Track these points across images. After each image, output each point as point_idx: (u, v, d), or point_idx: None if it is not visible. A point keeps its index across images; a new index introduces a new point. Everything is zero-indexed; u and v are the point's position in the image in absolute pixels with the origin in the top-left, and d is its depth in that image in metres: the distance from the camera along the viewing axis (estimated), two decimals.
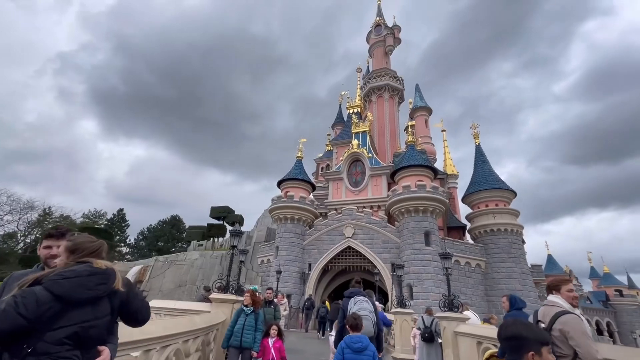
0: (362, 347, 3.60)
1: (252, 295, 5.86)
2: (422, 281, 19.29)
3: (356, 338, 3.68)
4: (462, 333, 7.75)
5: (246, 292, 6.06)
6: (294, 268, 23.25)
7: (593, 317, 38.85)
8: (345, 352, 3.64)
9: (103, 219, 56.08)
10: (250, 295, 5.86)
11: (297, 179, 26.40)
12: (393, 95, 36.82)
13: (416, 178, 22.15)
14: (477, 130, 29.42)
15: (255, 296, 5.89)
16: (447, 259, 8.93)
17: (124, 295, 1.82)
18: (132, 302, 1.88)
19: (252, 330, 5.53)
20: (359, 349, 3.59)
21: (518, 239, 23.40)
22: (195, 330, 4.92)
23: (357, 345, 3.61)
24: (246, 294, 6.01)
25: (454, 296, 8.46)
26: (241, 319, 5.66)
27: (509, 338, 2.11)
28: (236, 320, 5.71)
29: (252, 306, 5.73)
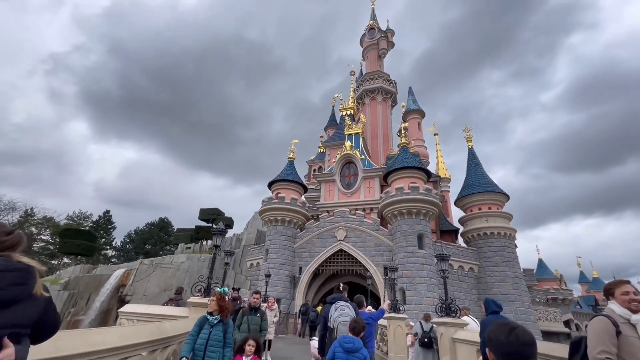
0: (353, 348, 3.57)
1: (219, 299, 4.37)
2: (415, 285, 18.85)
3: (349, 338, 3.67)
4: (461, 340, 7.29)
5: (212, 295, 4.50)
6: (284, 272, 22.58)
7: (583, 322, 38.96)
8: (336, 351, 3.63)
9: (88, 221, 54.43)
10: (216, 300, 4.35)
11: (288, 180, 25.82)
12: (386, 98, 36.66)
13: (409, 180, 21.82)
14: (470, 133, 29.36)
15: (223, 301, 4.40)
16: (444, 260, 8.48)
17: (44, 303, 1.34)
18: (49, 315, 1.39)
19: (219, 347, 4.12)
20: (349, 349, 3.56)
21: (511, 243, 23.21)
22: (164, 339, 4.32)
23: (349, 345, 3.58)
24: (211, 297, 4.50)
25: (452, 300, 8.00)
26: (205, 331, 4.16)
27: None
28: (198, 332, 4.16)
29: (219, 314, 4.27)
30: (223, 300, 4.37)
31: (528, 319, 20.42)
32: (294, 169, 27.33)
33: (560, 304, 35.31)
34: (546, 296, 35.82)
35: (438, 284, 19.90)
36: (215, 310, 4.27)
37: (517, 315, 20.42)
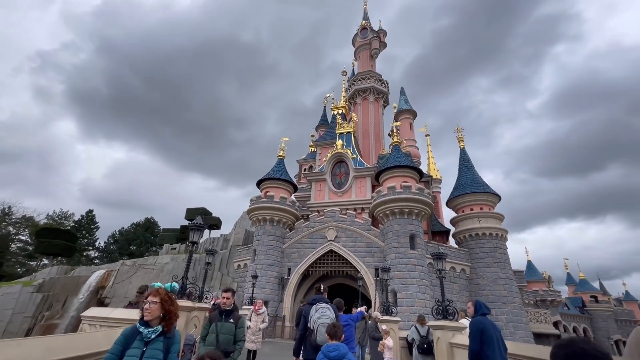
0: (339, 355, 3.42)
1: (164, 301, 2.69)
2: (407, 286, 18.37)
3: (333, 346, 3.52)
4: (460, 345, 6.76)
5: (146, 295, 2.76)
6: (272, 273, 21.83)
7: (570, 323, 39.27)
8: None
9: (70, 221, 52.50)
10: (159, 301, 2.64)
11: (277, 179, 25.12)
12: (378, 98, 36.33)
13: (401, 179, 21.39)
14: (462, 134, 29.20)
15: (168, 303, 2.72)
16: (440, 259, 7.96)
17: None
18: None
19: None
20: (335, 357, 3.41)
21: (503, 244, 23.00)
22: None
23: (334, 353, 3.43)
24: (148, 298, 2.68)
25: (449, 302, 7.48)
26: (134, 351, 2.52)
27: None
28: (122, 351, 2.52)
29: (160, 323, 2.65)
30: (168, 301, 2.68)
31: (520, 321, 20.17)
32: (284, 167, 26.65)
33: (549, 306, 35.45)
34: (535, 297, 35.94)
35: (430, 285, 19.49)
36: (155, 318, 2.59)
37: (508, 317, 20.16)
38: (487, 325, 4.25)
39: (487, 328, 4.21)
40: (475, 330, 4.26)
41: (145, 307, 2.55)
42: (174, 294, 3.03)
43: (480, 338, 4.14)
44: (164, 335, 2.63)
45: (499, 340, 4.24)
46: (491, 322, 4.38)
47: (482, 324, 4.29)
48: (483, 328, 4.21)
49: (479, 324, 4.29)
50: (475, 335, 4.22)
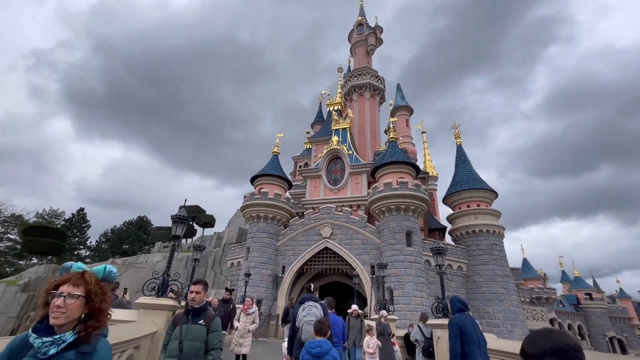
0: (320, 352, 3.42)
1: (90, 292, 1.53)
2: (404, 284, 18.00)
3: (315, 343, 3.52)
4: None
5: (55, 283, 1.51)
6: (266, 271, 21.34)
7: (565, 321, 39.30)
8: (304, 357, 3.49)
9: (60, 219, 51.40)
10: (84, 294, 1.51)
11: (272, 175, 24.60)
12: (374, 95, 35.96)
13: (398, 175, 21.01)
14: (458, 130, 28.90)
15: (97, 297, 1.55)
16: (440, 254, 7.55)
17: None
18: None
19: None
20: (317, 354, 3.42)
21: (500, 241, 22.73)
22: None
23: (316, 350, 3.43)
24: (53, 291, 1.48)
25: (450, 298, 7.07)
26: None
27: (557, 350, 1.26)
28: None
29: (75, 328, 1.49)
30: (99, 294, 1.56)
31: (517, 318, 19.91)
32: (279, 163, 26.14)
33: (544, 303, 35.41)
34: (531, 295, 35.87)
35: (427, 283, 19.15)
36: (70, 322, 1.47)
37: (506, 314, 19.89)
38: (466, 323, 4.03)
39: (466, 326, 3.99)
40: (454, 329, 3.99)
41: (56, 304, 1.44)
42: (109, 284, 1.76)
43: (461, 337, 3.93)
44: (76, 348, 1.46)
45: (480, 337, 4.05)
46: (470, 319, 4.16)
47: (461, 321, 4.05)
48: (463, 327, 3.98)
49: (457, 322, 4.04)
50: (455, 334, 3.96)
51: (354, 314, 8.79)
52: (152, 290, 5.91)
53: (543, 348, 1.25)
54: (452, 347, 3.95)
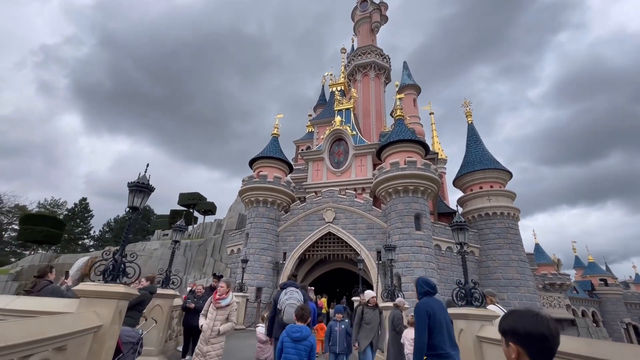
0: (300, 337, 3.64)
1: None
2: (412, 270, 16.76)
3: (296, 328, 3.74)
4: (491, 340, 5.08)
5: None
6: (266, 257, 20.28)
7: (579, 308, 37.97)
8: (284, 341, 3.69)
9: (62, 209, 51.06)
10: None
11: (271, 158, 23.30)
12: (379, 74, 34.09)
13: (406, 154, 19.54)
14: (470, 108, 27.14)
15: None
16: (462, 230, 6.20)
17: None
18: None
19: None
20: (297, 338, 3.63)
21: (515, 224, 21.30)
22: None
23: (296, 335, 3.65)
24: None
25: (474, 283, 5.78)
26: None
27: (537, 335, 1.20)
28: None
29: None
30: None
31: (534, 305, 18.61)
32: (278, 146, 24.79)
33: (557, 289, 34.04)
34: (543, 281, 34.50)
35: (437, 268, 17.90)
36: None
37: (522, 301, 18.62)
38: (435, 309, 3.49)
39: (435, 312, 3.45)
40: (421, 316, 3.43)
41: None
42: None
43: (429, 325, 3.36)
44: None
45: (449, 325, 3.60)
46: (439, 303, 3.66)
47: (430, 307, 3.49)
48: (431, 312, 3.43)
49: (426, 307, 3.48)
50: (423, 322, 3.39)
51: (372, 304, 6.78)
52: (100, 275, 4.70)
53: (505, 328, 1.26)
54: (419, 337, 3.34)
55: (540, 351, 1.17)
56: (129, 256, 5.13)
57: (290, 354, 3.62)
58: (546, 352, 1.17)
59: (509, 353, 1.24)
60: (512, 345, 1.22)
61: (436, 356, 3.46)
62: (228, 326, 5.21)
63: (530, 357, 1.18)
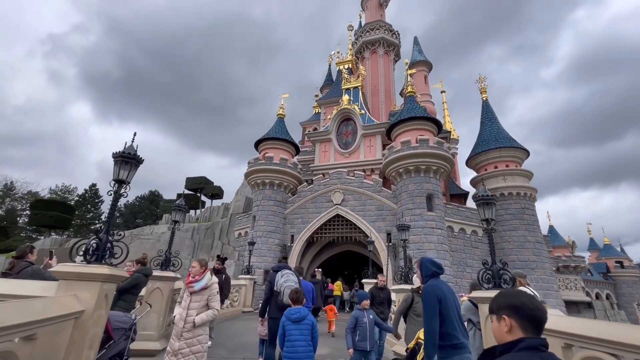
0: (299, 317, 3.79)
1: None
2: (424, 252, 16.17)
3: (294, 310, 3.87)
4: None
5: None
6: (273, 240, 19.95)
7: (593, 290, 37.24)
8: (285, 325, 3.78)
9: (73, 195, 51.74)
10: None
11: (277, 139, 22.61)
12: (388, 51, 32.61)
13: (417, 132, 18.63)
14: (485, 84, 25.76)
15: None
16: (489, 205, 5.52)
17: None
18: None
19: None
20: (296, 319, 3.77)
21: (531, 204, 20.42)
22: None
23: (295, 316, 3.80)
24: None
25: (503, 264, 5.16)
26: None
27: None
28: None
29: None
30: None
31: (551, 288, 18.03)
32: (284, 126, 24.02)
33: (572, 272, 33.30)
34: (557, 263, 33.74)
35: (450, 250, 17.30)
36: None
37: (538, 283, 18.02)
38: (445, 292, 3.05)
39: (446, 296, 3.02)
40: (431, 300, 2.96)
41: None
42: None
43: (440, 311, 2.93)
44: None
45: (459, 310, 3.17)
46: (447, 286, 3.22)
47: (440, 290, 3.04)
48: (442, 297, 2.99)
49: (436, 290, 3.02)
50: (433, 307, 2.93)
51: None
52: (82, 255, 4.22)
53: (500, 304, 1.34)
54: (429, 324, 2.88)
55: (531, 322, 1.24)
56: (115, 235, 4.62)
57: (294, 335, 3.72)
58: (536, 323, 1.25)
59: (501, 328, 1.30)
60: (505, 319, 1.28)
61: (450, 347, 2.98)
62: (207, 315, 4.19)
63: (522, 329, 1.24)
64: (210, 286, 4.29)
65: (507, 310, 1.29)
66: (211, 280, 4.33)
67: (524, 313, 1.25)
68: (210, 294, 4.28)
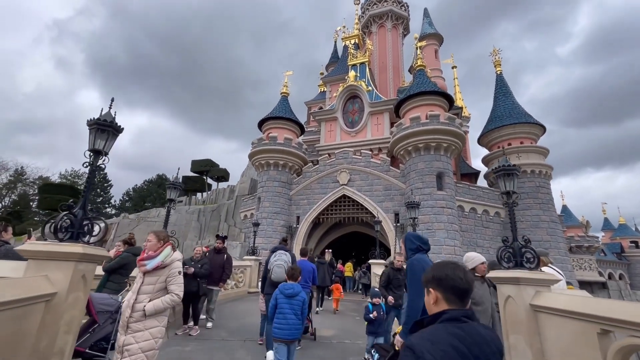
0: (293, 293, 4.02)
1: None
2: (433, 232, 15.69)
3: (289, 285, 4.11)
4: (553, 310, 4.01)
5: None
6: (279, 221, 19.68)
7: (606, 270, 36.56)
8: (278, 298, 4.03)
9: (82, 179, 52.28)
10: None
11: (281, 118, 21.93)
12: (397, 25, 31.06)
13: (427, 108, 17.74)
14: (499, 57, 24.34)
15: None
16: (510, 176, 4.93)
17: None
18: None
19: None
20: (290, 294, 4.01)
21: (547, 183, 19.57)
22: None
23: (289, 291, 4.03)
24: None
25: (526, 240, 4.63)
26: None
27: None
28: None
29: None
30: None
31: (565, 268, 17.42)
32: (288, 105, 23.26)
33: (585, 252, 32.57)
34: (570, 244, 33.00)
35: (460, 230, 16.76)
36: None
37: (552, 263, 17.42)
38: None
39: None
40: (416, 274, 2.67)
41: None
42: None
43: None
44: None
45: None
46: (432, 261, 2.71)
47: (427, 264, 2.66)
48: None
49: (422, 264, 2.75)
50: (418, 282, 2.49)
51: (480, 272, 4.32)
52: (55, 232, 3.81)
53: (428, 277, 1.37)
54: (412, 300, 2.67)
55: (454, 294, 1.26)
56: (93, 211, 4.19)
57: (284, 309, 3.95)
58: (459, 295, 1.26)
59: (429, 300, 1.34)
60: (432, 291, 1.32)
61: None
62: (163, 302, 3.08)
63: (446, 301, 1.27)
64: (170, 265, 3.25)
65: (433, 283, 1.33)
66: (171, 256, 3.28)
67: (447, 285, 1.28)
68: (169, 275, 3.22)
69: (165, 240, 3.34)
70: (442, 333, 1.13)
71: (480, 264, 4.12)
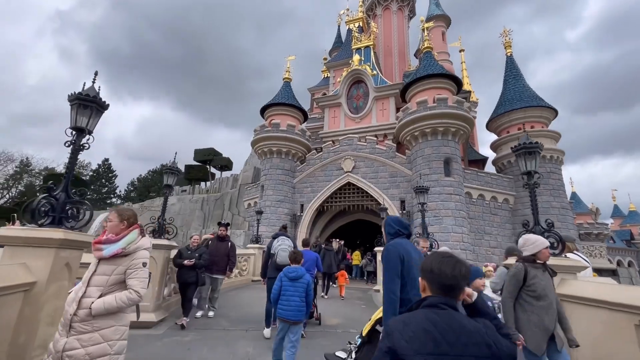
0: (296, 276, 4.17)
1: None
2: (441, 219, 15.32)
3: (292, 269, 4.25)
4: (580, 299, 3.65)
5: None
6: (282, 210, 19.43)
7: (615, 257, 36.01)
8: (283, 280, 4.18)
9: (87, 170, 52.51)
10: None
11: (283, 104, 21.43)
12: (402, 7, 29.99)
13: (435, 92, 17.11)
14: (509, 37, 23.38)
15: None
16: (532, 155, 4.51)
17: None
18: None
19: None
20: (293, 277, 4.16)
21: (558, 168, 19.00)
22: None
23: (292, 274, 4.18)
24: None
25: (549, 224, 4.25)
26: None
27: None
28: None
29: None
30: None
31: None
32: (291, 91, 22.70)
33: (594, 239, 32.02)
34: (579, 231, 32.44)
35: (467, 217, 16.36)
36: None
37: None
38: (411, 252, 2.51)
39: (410, 255, 2.48)
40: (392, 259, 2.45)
41: None
42: None
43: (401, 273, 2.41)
44: None
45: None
46: (414, 247, 2.69)
47: (403, 248, 2.49)
48: (406, 257, 2.44)
49: (398, 248, 2.49)
50: (394, 267, 2.41)
51: (541, 259, 2.88)
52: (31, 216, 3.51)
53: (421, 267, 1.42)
54: (388, 286, 2.40)
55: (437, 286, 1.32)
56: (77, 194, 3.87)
57: (289, 292, 4.08)
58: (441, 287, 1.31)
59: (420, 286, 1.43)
60: (421, 280, 1.41)
61: None
62: (117, 300, 2.26)
63: (431, 290, 1.35)
64: (133, 253, 2.42)
65: (422, 272, 1.41)
66: (136, 243, 2.46)
67: (432, 279, 1.34)
68: (130, 266, 2.38)
69: (130, 222, 2.53)
70: (418, 317, 1.21)
71: (544, 248, 3.33)
